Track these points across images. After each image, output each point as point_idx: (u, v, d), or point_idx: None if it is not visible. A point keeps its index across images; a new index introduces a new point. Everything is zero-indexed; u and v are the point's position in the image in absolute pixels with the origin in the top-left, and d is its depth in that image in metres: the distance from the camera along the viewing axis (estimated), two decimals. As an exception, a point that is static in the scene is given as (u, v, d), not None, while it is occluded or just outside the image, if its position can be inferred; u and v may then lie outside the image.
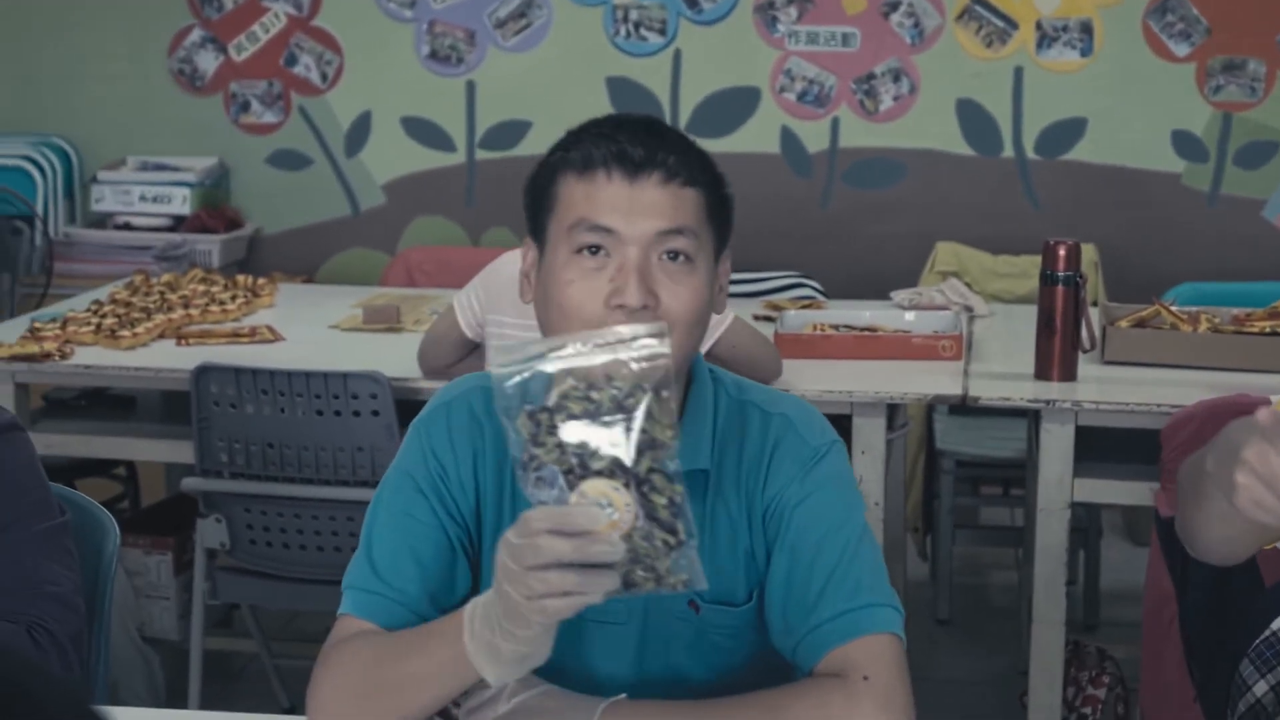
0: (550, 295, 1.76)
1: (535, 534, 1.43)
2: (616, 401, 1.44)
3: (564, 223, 1.76)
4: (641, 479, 1.44)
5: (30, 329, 3.86)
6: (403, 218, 5.50)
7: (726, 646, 1.83)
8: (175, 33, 5.51)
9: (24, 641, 1.96)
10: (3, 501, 2.04)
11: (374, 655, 1.69)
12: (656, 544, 1.44)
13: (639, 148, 1.73)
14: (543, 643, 1.51)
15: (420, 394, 3.49)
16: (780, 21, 5.25)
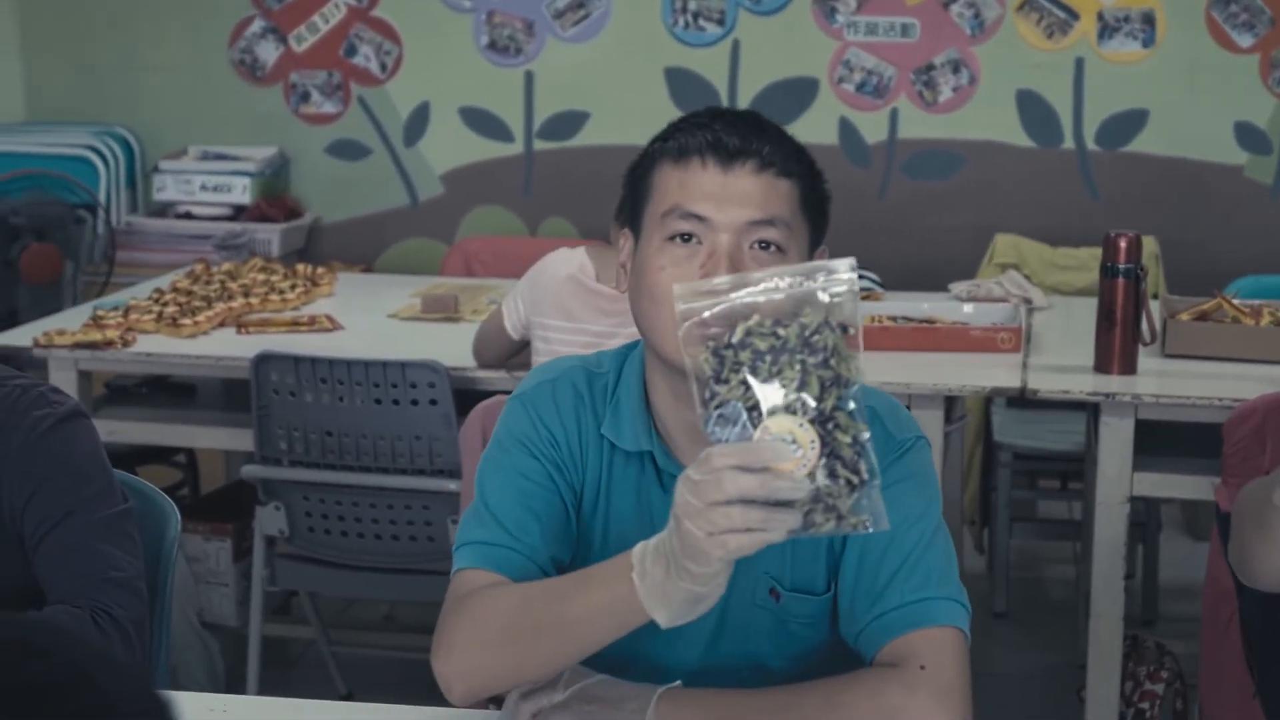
0: (642, 282, 1.77)
1: (719, 469, 1.41)
2: (803, 337, 1.42)
3: (658, 210, 1.77)
4: (826, 416, 1.41)
5: (93, 317, 3.90)
6: (461, 208, 5.52)
7: (804, 636, 1.83)
8: (236, 23, 5.55)
9: (88, 627, 1.98)
10: (67, 488, 2.07)
11: (520, 600, 1.67)
12: (840, 483, 1.41)
13: (734, 137, 1.74)
14: (718, 583, 1.48)
15: (477, 383, 3.51)
16: (839, 12, 5.23)
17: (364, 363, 3.43)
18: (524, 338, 3.39)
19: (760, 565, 1.79)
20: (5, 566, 2.08)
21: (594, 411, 1.85)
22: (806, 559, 1.81)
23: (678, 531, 1.46)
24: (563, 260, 3.35)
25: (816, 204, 1.80)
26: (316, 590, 3.84)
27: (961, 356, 3.60)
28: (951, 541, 1.82)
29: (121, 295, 4.32)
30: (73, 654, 0.82)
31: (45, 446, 2.08)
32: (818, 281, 1.45)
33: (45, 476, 2.06)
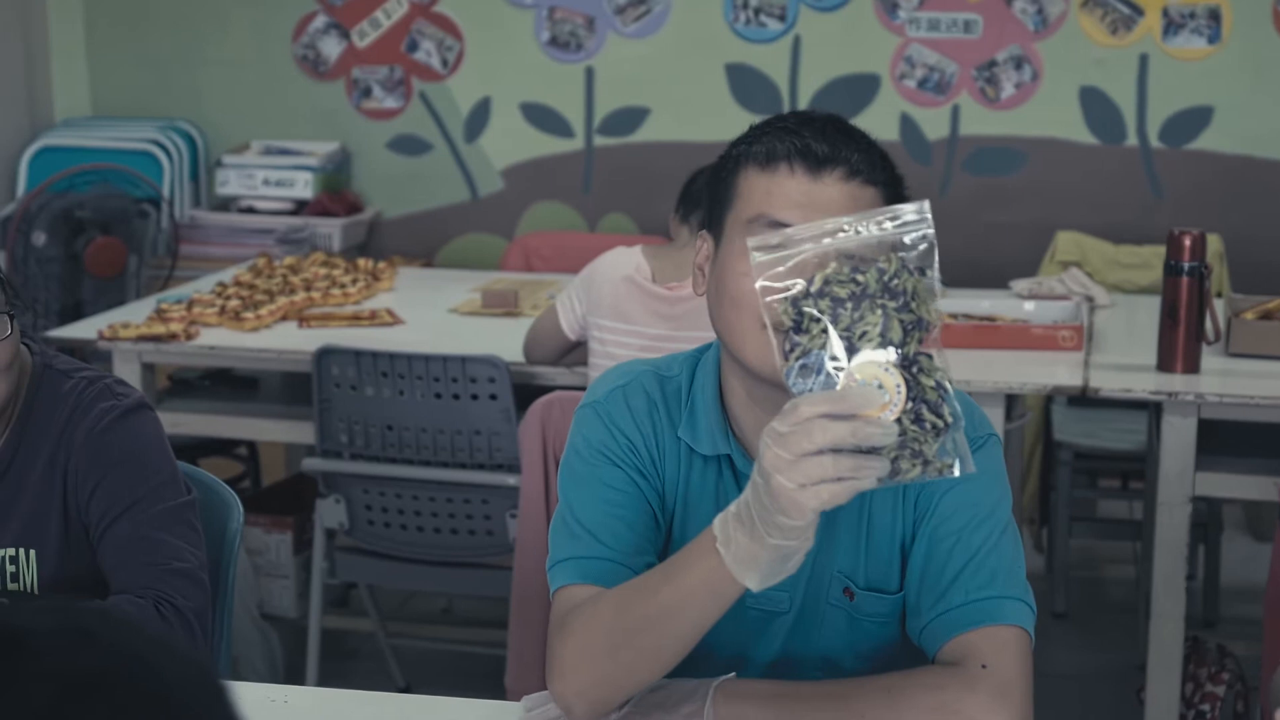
0: (724, 287, 1.75)
1: (808, 418, 1.40)
2: (882, 282, 1.42)
3: (742, 216, 1.75)
4: (910, 360, 1.41)
5: (157, 310, 3.93)
6: (520, 203, 5.53)
7: (878, 634, 1.83)
8: (300, 19, 5.58)
9: (151, 616, 2.00)
10: (132, 479, 2.09)
11: (616, 604, 1.67)
12: (925, 427, 1.41)
13: (823, 144, 1.73)
14: (807, 536, 1.47)
15: (537, 378, 3.52)
16: (901, 8, 5.21)
17: (424, 357, 3.44)
18: (580, 338, 3.39)
19: (834, 564, 1.80)
20: (72, 557, 2.10)
21: (669, 416, 1.84)
22: (880, 557, 1.80)
23: (767, 488, 1.44)
24: (619, 260, 3.34)
25: None
26: (375, 583, 3.86)
27: (1023, 354, 3.58)
28: (1020, 541, 1.81)
29: (185, 289, 4.36)
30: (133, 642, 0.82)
31: (110, 438, 2.10)
32: (893, 225, 1.45)
33: (110, 467, 2.08)
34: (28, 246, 5.03)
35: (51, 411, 2.12)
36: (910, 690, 1.68)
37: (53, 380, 2.14)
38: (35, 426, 2.11)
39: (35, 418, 2.12)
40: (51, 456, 2.10)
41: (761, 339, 1.69)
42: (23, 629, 0.80)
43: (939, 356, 1.43)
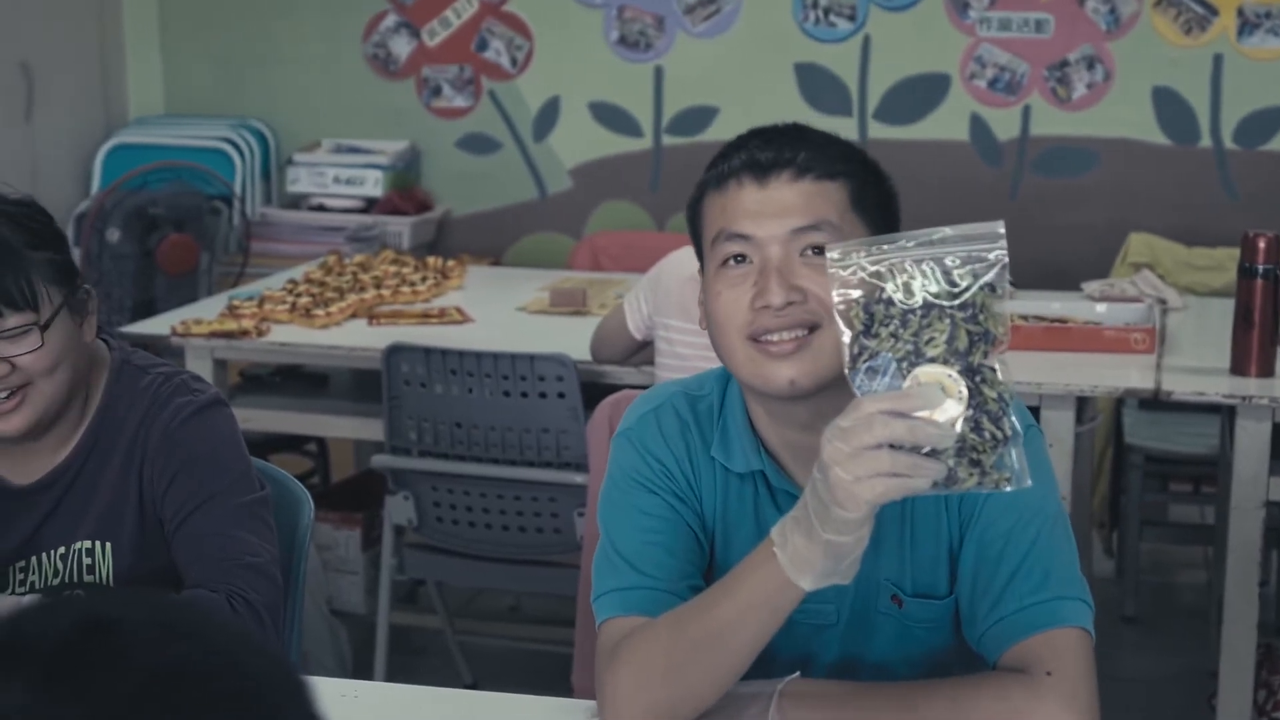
0: (709, 312, 1.78)
1: (869, 414, 1.44)
2: (952, 293, 1.46)
3: (709, 239, 1.78)
4: (974, 369, 1.45)
5: (229, 306, 3.97)
6: (589, 202, 5.54)
7: (929, 641, 1.82)
8: (370, 18, 5.61)
9: (223, 610, 2.02)
10: (206, 475, 2.10)
11: (671, 627, 1.67)
12: (985, 436, 1.44)
13: (767, 151, 1.75)
14: (861, 535, 1.49)
15: (605, 376, 3.53)
16: (972, 7, 5.18)
17: (493, 355, 3.46)
18: (646, 338, 3.39)
19: (881, 572, 1.79)
20: (147, 551, 2.12)
21: (701, 435, 1.84)
22: (927, 563, 1.79)
23: (825, 481, 1.47)
24: (686, 260, 3.33)
25: (873, 203, 1.78)
26: (443, 580, 3.88)
27: (1094, 357, 3.56)
28: (1070, 531, 1.80)
29: (256, 286, 4.39)
30: (217, 636, 0.83)
31: (186, 433, 2.11)
32: (969, 240, 1.47)
33: (185, 463, 2.10)
34: (102, 243, 5.09)
35: (129, 407, 2.13)
36: (976, 697, 1.67)
37: (130, 376, 2.15)
38: (112, 421, 2.13)
39: (113, 413, 2.13)
40: (128, 451, 2.12)
41: (746, 353, 1.71)
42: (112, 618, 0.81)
43: (1003, 371, 1.46)
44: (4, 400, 2.02)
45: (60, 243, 2.08)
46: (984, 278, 1.47)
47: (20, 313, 1.98)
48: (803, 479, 1.76)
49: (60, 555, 2.13)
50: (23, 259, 1.98)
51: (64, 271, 2.06)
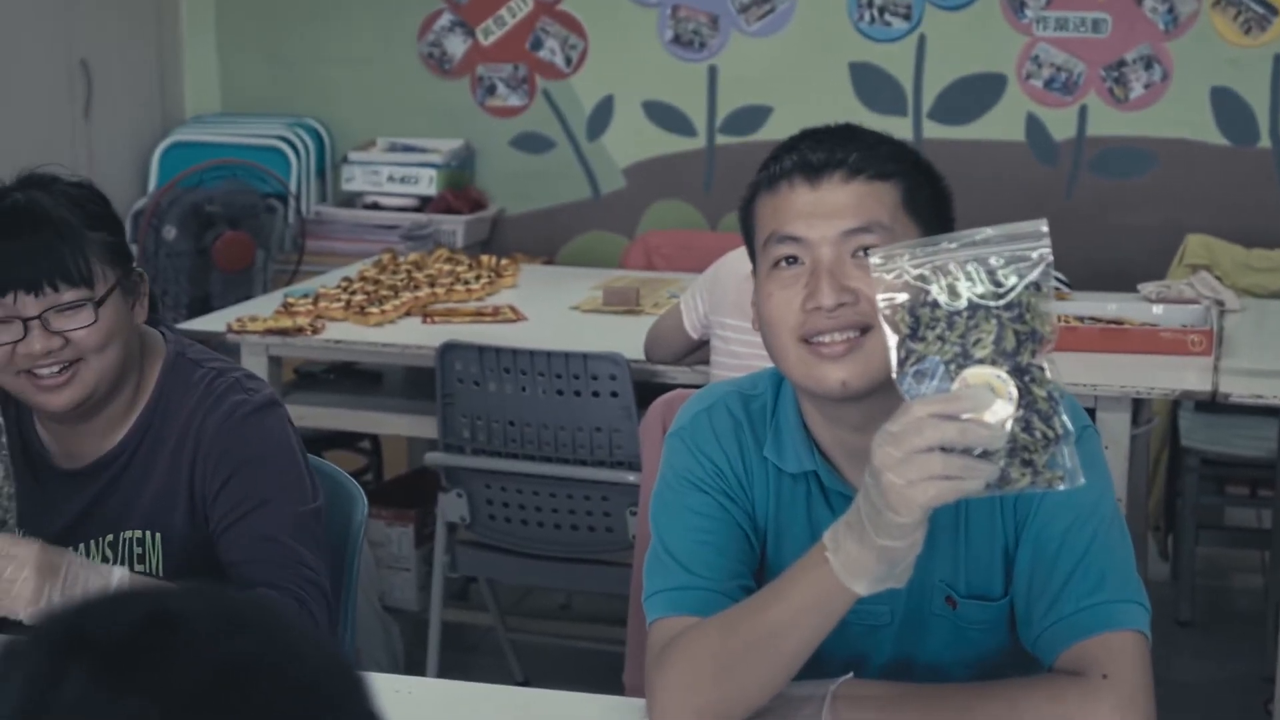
0: (761, 314, 1.78)
1: (919, 417, 1.44)
2: (997, 294, 1.46)
3: (761, 241, 1.77)
4: (1023, 369, 1.45)
5: (284, 304, 3.99)
6: (642, 201, 5.54)
7: (983, 642, 1.81)
8: (425, 17, 5.63)
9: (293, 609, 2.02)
10: (263, 477, 2.10)
11: (721, 629, 1.67)
12: (1036, 435, 1.44)
13: (818, 152, 1.74)
14: (915, 540, 1.49)
15: (658, 375, 3.52)
16: (1028, 7, 5.16)
17: (546, 353, 3.46)
18: (703, 337, 3.39)
19: (935, 574, 1.78)
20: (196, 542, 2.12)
21: (754, 435, 1.84)
22: (981, 564, 1.79)
23: (877, 485, 1.46)
24: (742, 259, 3.32)
25: (926, 203, 1.77)
26: (496, 577, 3.89)
27: (1150, 359, 3.53)
28: (1127, 532, 1.79)
29: (311, 283, 4.41)
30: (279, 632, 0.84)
31: (242, 433, 2.11)
32: (1013, 240, 1.47)
33: (242, 463, 2.10)
34: (158, 240, 5.13)
35: (181, 398, 2.14)
36: (1032, 700, 1.67)
37: (184, 368, 2.17)
38: (165, 411, 2.14)
39: (165, 403, 2.15)
40: (179, 443, 2.13)
41: (797, 354, 1.70)
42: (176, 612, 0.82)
43: (1052, 369, 1.45)
44: (55, 374, 2.05)
45: (116, 225, 2.12)
46: (1029, 277, 1.46)
47: (75, 288, 2.02)
48: (856, 480, 1.75)
49: (109, 543, 2.14)
50: (81, 237, 2.02)
51: (119, 253, 2.09)
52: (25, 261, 2.00)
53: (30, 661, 0.80)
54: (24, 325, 2.01)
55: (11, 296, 2.00)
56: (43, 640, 0.81)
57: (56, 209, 2.03)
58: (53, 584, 1.81)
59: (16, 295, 2.00)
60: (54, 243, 2.00)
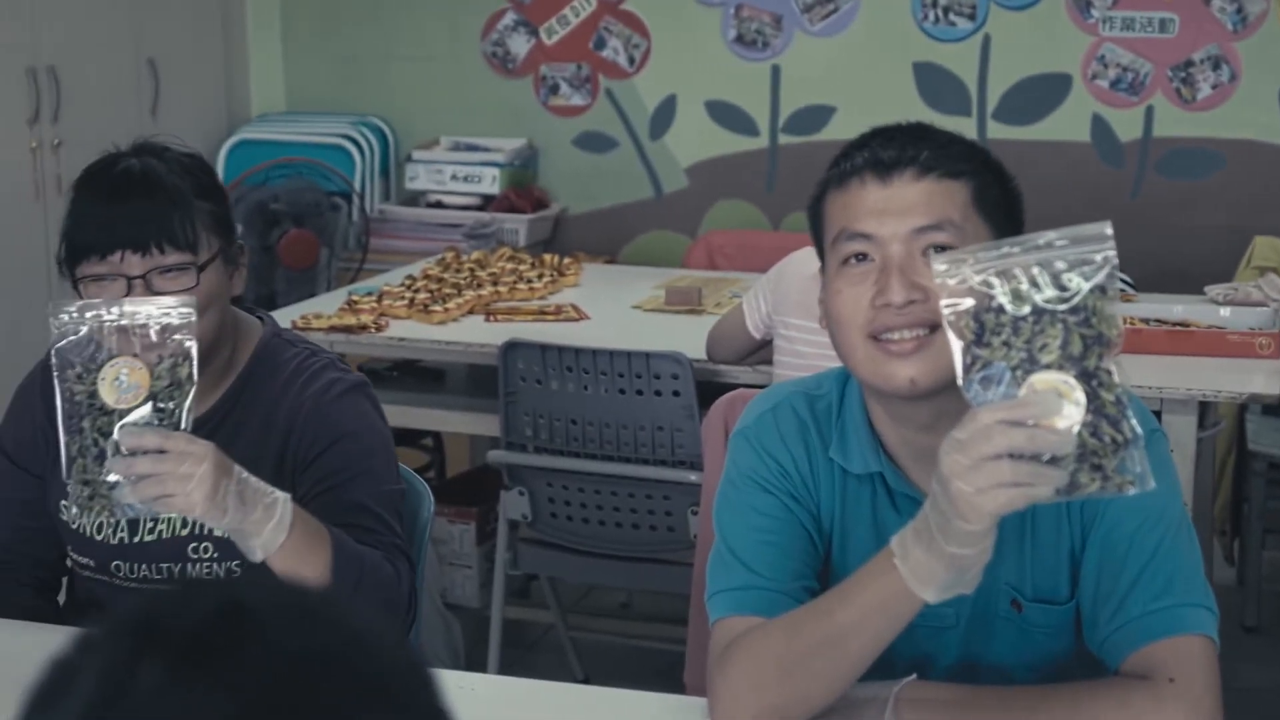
0: (828, 310, 1.77)
1: (987, 424, 1.43)
2: (1063, 298, 1.45)
3: (830, 238, 1.77)
4: (1090, 374, 1.44)
5: (348, 301, 4.02)
6: (704, 201, 5.54)
7: (1049, 646, 1.80)
8: (489, 16, 5.65)
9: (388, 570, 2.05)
10: (358, 453, 2.16)
11: (786, 630, 1.67)
12: (1105, 440, 1.43)
13: (890, 149, 1.74)
14: (984, 547, 1.49)
15: (720, 375, 3.52)
16: (1094, 6, 5.12)
17: (608, 352, 3.46)
18: (765, 337, 3.38)
19: (1001, 577, 1.77)
20: None
21: (820, 436, 1.83)
22: (1047, 567, 1.77)
23: (946, 493, 1.46)
24: (807, 259, 3.32)
25: (996, 203, 1.76)
26: (556, 575, 3.90)
27: (1217, 361, 3.50)
28: (1195, 536, 1.77)
29: (374, 281, 4.44)
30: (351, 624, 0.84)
31: (340, 409, 2.17)
32: (1077, 243, 1.46)
33: (339, 438, 2.15)
34: (224, 238, 5.16)
35: (272, 373, 2.20)
36: (1097, 703, 1.66)
37: (278, 347, 2.23)
38: (255, 386, 2.19)
39: (255, 378, 2.20)
40: (268, 417, 2.17)
41: (866, 351, 1.69)
42: (249, 603, 0.82)
43: (1119, 373, 1.44)
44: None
45: (222, 197, 2.18)
46: (1094, 280, 1.45)
47: (180, 252, 2.07)
48: (922, 481, 1.74)
49: None
50: (189, 204, 2.09)
51: (223, 223, 2.15)
52: (135, 223, 2.06)
53: (104, 652, 0.81)
54: (128, 284, 2.06)
55: (119, 255, 2.05)
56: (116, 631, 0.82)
57: (169, 176, 2.09)
58: (227, 483, 1.83)
59: (124, 254, 2.05)
60: (164, 207, 2.07)
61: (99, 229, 2.06)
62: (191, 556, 2.16)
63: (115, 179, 2.09)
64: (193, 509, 1.81)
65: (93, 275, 2.07)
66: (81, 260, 2.07)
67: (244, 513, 1.85)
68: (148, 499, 1.80)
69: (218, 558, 2.15)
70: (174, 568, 2.16)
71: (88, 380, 1.82)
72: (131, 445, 1.80)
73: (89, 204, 2.09)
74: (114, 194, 2.08)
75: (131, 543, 2.17)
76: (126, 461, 1.80)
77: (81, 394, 1.82)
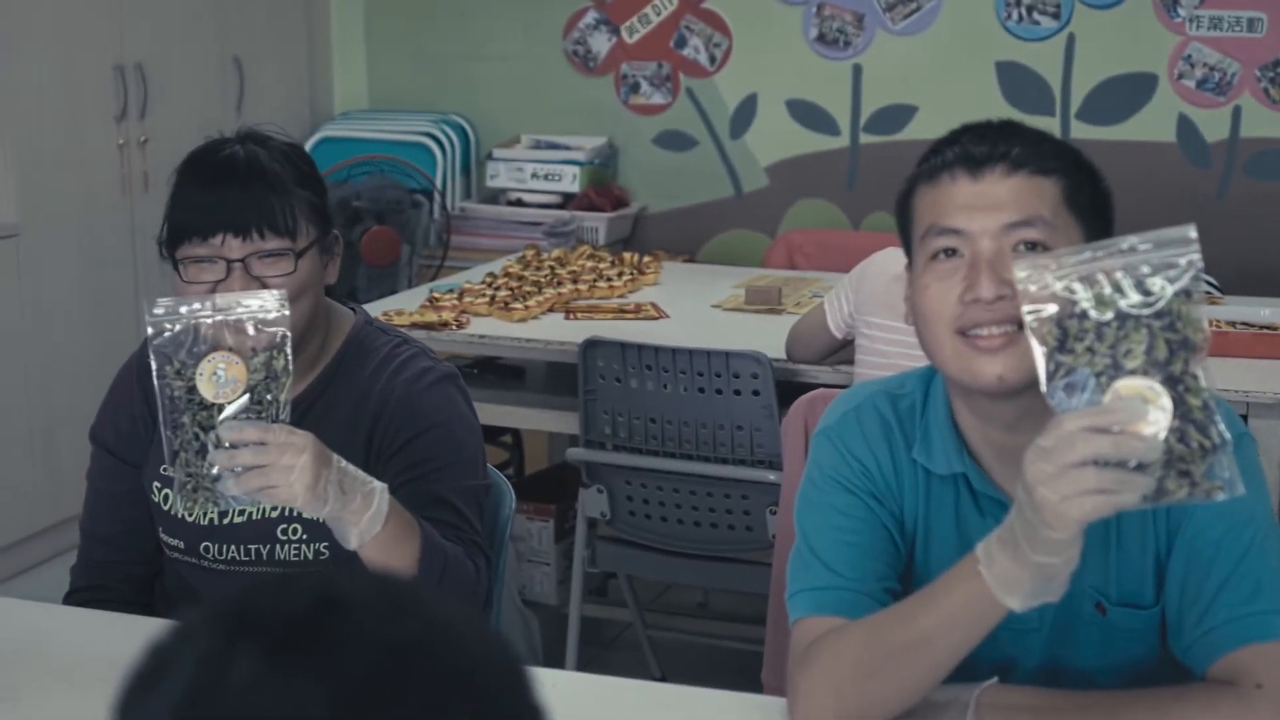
0: (916, 306, 1.76)
1: (1071, 432, 1.42)
2: (1147, 302, 1.44)
3: (919, 233, 1.76)
4: (1176, 379, 1.42)
5: (429, 298, 4.04)
6: (784, 200, 5.53)
7: (1133, 650, 1.78)
8: (571, 15, 5.67)
9: (469, 567, 2.07)
10: (447, 443, 2.18)
11: (867, 633, 1.67)
12: (1192, 446, 1.42)
13: (981, 145, 1.73)
14: (1070, 555, 1.48)
15: (800, 375, 3.51)
16: (1181, 5, 5.07)
17: (688, 351, 3.46)
18: (847, 336, 3.37)
19: (1085, 580, 1.75)
20: None
21: (903, 436, 1.82)
22: (1132, 571, 1.76)
23: (1031, 501, 1.45)
24: (891, 259, 3.31)
25: (1087, 201, 1.74)
26: (634, 573, 3.90)
27: (1304, 364, 3.46)
28: None
29: (455, 279, 4.46)
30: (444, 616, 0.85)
31: (429, 397, 2.19)
32: (1160, 247, 1.44)
33: (426, 426, 2.17)
34: (307, 234, 5.20)
35: (362, 361, 2.22)
36: (1182, 709, 1.64)
37: (369, 336, 2.26)
38: (345, 372, 2.22)
39: (346, 365, 2.22)
40: (358, 402, 2.19)
41: (954, 347, 1.68)
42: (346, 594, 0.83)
43: (1206, 378, 1.43)
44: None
45: (320, 187, 2.22)
46: (1178, 283, 1.43)
47: (279, 237, 2.10)
48: (1006, 482, 1.73)
49: None
50: (290, 192, 2.12)
51: (320, 213, 2.18)
52: (238, 208, 2.09)
53: (201, 640, 0.82)
54: (227, 266, 2.09)
55: (220, 238, 2.09)
56: (213, 619, 0.83)
57: (271, 163, 2.13)
58: (327, 473, 1.85)
59: (225, 237, 2.09)
60: (266, 194, 2.10)
61: (201, 212, 2.10)
62: (280, 538, 2.18)
63: (219, 164, 2.13)
64: (295, 499, 1.83)
65: (193, 257, 2.10)
66: (183, 242, 2.11)
67: (343, 502, 1.87)
68: (251, 491, 1.83)
69: (306, 539, 2.17)
70: (262, 549, 2.18)
71: (186, 376, 1.84)
72: (232, 439, 1.82)
73: (193, 188, 2.13)
74: (218, 178, 2.11)
75: (221, 524, 2.19)
76: (229, 454, 1.82)
77: (180, 389, 1.84)
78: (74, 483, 2.44)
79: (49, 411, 4.69)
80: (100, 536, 2.30)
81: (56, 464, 4.65)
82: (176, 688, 0.80)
